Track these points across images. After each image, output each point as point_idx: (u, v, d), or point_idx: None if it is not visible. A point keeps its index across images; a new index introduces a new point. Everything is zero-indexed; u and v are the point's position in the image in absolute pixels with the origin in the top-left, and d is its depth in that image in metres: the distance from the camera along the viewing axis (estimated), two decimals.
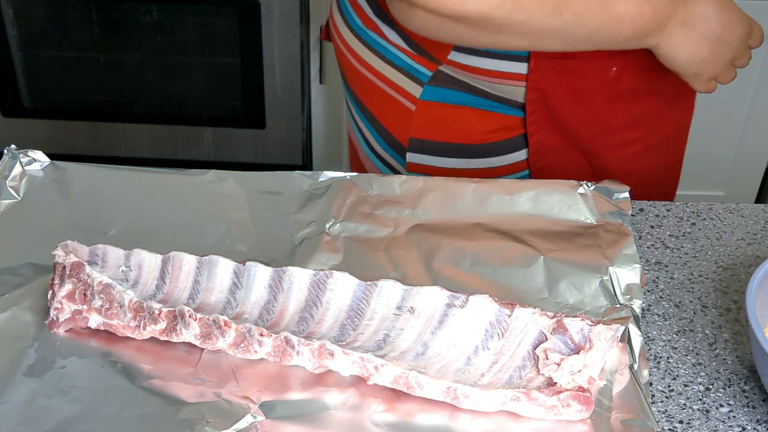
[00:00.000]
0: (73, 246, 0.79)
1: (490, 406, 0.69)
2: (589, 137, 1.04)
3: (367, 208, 0.89)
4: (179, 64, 2.01)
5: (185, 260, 0.79)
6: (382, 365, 0.70)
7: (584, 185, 0.91)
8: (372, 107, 1.11)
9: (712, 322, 0.84)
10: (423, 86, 1.02)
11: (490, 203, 0.90)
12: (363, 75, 1.09)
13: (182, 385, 0.71)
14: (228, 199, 0.90)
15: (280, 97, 2.01)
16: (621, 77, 1.00)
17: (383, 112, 1.09)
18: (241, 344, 0.72)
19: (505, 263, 0.84)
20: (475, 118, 1.03)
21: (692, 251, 0.92)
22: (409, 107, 1.05)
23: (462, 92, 1.02)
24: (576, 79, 1.00)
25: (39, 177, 0.92)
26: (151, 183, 0.92)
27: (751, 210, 0.98)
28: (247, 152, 2.10)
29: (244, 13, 1.91)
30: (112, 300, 0.75)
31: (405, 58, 1.03)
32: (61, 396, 0.70)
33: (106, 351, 0.74)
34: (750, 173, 2.12)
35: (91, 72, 2.04)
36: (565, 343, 0.71)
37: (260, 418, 0.69)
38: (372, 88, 1.09)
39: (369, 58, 1.07)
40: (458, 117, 1.04)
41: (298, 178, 0.92)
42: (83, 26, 1.98)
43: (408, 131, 1.06)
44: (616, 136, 1.05)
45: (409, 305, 0.75)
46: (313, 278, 0.77)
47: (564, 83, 1.00)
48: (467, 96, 1.02)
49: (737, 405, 0.76)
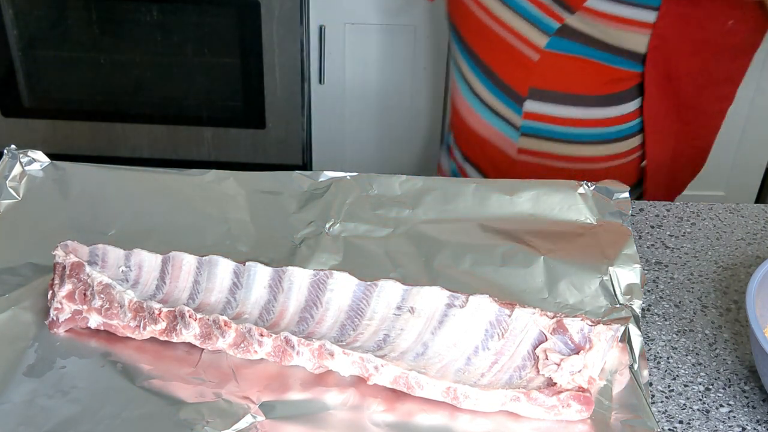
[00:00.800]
0: (73, 246, 0.79)
1: (490, 406, 0.69)
2: (693, 89, 1.10)
3: (367, 208, 0.89)
4: (179, 64, 2.01)
5: (185, 260, 0.79)
6: (382, 365, 0.70)
7: (584, 185, 0.91)
8: (490, 58, 1.16)
9: (712, 322, 0.84)
10: (549, 37, 1.07)
11: (490, 203, 0.90)
12: (486, 25, 1.13)
13: (182, 385, 0.71)
14: (228, 199, 0.90)
15: (280, 97, 2.01)
16: (734, 31, 1.06)
17: (502, 62, 1.14)
18: (241, 344, 0.72)
19: (505, 263, 0.84)
20: (594, 70, 1.08)
21: (692, 251, 0.92)
22: (531, 57, 1.10)
23: (583, 45, 1.07)
24: (696, 29, 1.05)
25: (39, 177, 0.92)
26: (151, 183, 0.92)
27: (751, 210, 0.98)
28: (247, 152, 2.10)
29: (244, 13, 1.91)
30: (112, 300, 0.75)
31: (533, 9, 1.07)
32: (61, 396, 0.70)
33: (106, 351, 0.74)
34: (750, 173, 2.11)
35: (91, 72, 2.04)
36: (565, 343, 0.71)
37: (260, 418, 0.69)
38: (494, 39, 1.13)
39: (496, 8, 1.11)
40: (578, 68, 1.09)
41: (298, 178, 0.92)
42: (83, 26, 1.98)
43: (528, 81, 1.12)
44: (715, 89, 1.11)
45: (409, 305, 0.75)
46: (313, 278, 0.77)
47: (686, 32, 1.04)
48: (587, 49, 1.07)
49: (737, 405, 0.76)
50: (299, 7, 1.89)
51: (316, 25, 1.94)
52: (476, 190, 0.91)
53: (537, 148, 1.15)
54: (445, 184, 0.92)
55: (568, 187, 0.91)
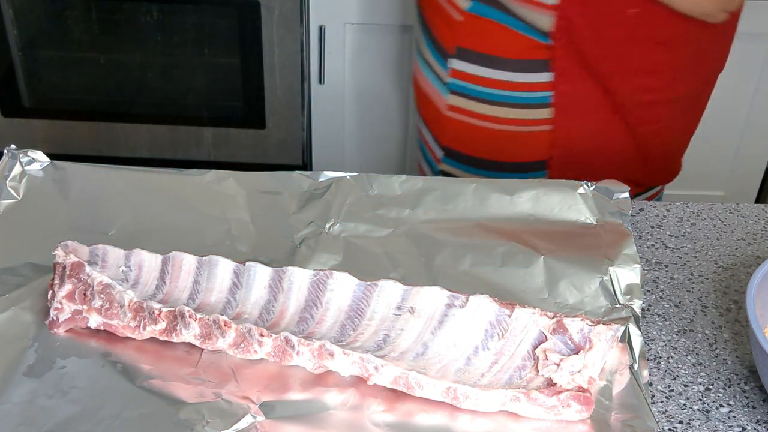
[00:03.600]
0: (73, 246, 0.79)
1: (490, 406, 0.69)
2: (612, 76, 1.11)
3: (367, 208, 0.89)
4: (179, 64, 2.01)
5: (185, 260, 0.79)
6: (382, 365, 0.69)
7: (584, 185, 0.91)
8: (427, 14, 1.22)
9: (712, 322, 0.84)
10: (471, 1, 1.11)
11: (490, 203, 0.90)
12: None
13: (182, 385, 0.71)
14: (228, 199, 0.90)
15: (280, 97, 2.01)
16: (641, 22, 1.06)
17: (434, 19, 1.20)
18: (241, 344, 0.72)
19: (505, 263, 0.84)
20: (511, 37, 1.12)
21: (692, 251, 0.92)
22: (455, 17, 1.14)
23: (500, 12, 1.10)
24: (598, 15, 1.06)
25: (39, 177, 0.92)
26: (151, 183, 0.92)
27: (751, 210, 0.98)
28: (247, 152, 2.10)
29: (244, 13, 1.91)
30: (112, 300, 0.75)
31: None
32: (61, 396, 0.70)
33: (106, 351, 0.74)
34: (750, 173, 2.11)
35: (91, 72, 2.04)
36: (565, 344, 0.71)
37: (260, 418, 0.69)
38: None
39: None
40: (498, 32, 1.12)
41: (298, 178, 0.92)
42: (83, 26, 1.98)
43: (454, 40, 1.16)
44: (636, 79, 1.11)
45: (409, 305, 0.75)
46: (313, 278, 0.77)
47: (588, 16, 1.06)
48: (505, 16, 1.10)
49: (737, 405, 0.76)
50: (299, 7, 1.89)
51: (316, 25, 1.93)
52: (476, 190, 0.91)
53: (464, 106, 1.18)
54: (445, 184, 0.92)
55: (568, 187, 0.91)
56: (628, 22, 1.08)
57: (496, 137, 1.18)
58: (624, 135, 1.16)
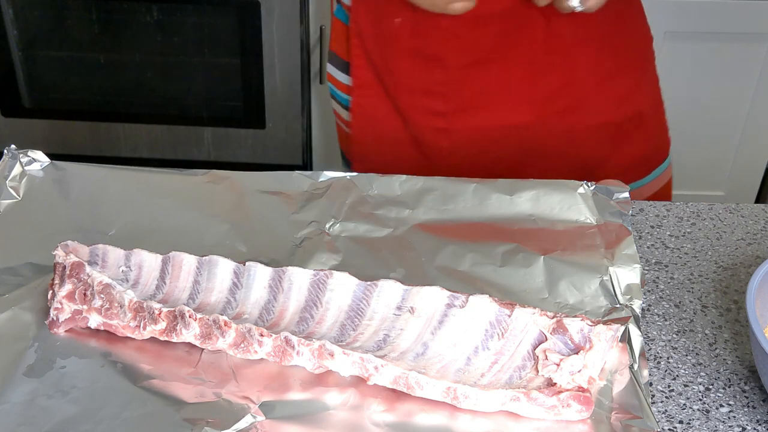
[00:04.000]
0: (73, 246, 0.79)
1: (490, 406, 0.69)
2: (394, 89, 1.08)
3: (367, 208, 0.89)
4: (179, 64, 2.01)
5: (185, 260, 0.79)
6: (382, 365, 0.70)
7: (584, 185, 0.91)
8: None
9: (712, 322, 0.84)
10: (336, 4, 1.12)
11: (490, 203, 0.90)
12: None
13: (182, 385, 0.71)
14: (228, 199, 0.90)
15: (280, 97, 2.01)
16: (405, 32, 1.03)
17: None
18: (241, 344, 0.72)
19: (505, 263, 0.84)
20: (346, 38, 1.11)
21: (692, 251, 0.92)
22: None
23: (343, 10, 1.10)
24: (371, 22, 1.05)
25: (39, 177, 0.92)
26: (151, 183, 0.92)
27: (751, 210, 0.98)
28: (247, 152, 2.10)
29: (244, 13, 1.91)
30: (112, 300, 0.75)
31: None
32: (61, 396, 0.70)
33: (106, 351, 0.74)
34: (750, 173, 2.11)
35: (91, 72, 2.04)
36: (565, 344, 0.71)
37: (260, 418, 0.69)
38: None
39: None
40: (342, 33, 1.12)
41: (298, 178, 0.92)
42: (83, 26, 1.98)
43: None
44: (419, 100, 1.07)
45: (409, 305, 0.75)
46: (313, 278, 0.77)
47: (368, 20, 1.06)
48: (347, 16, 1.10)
49: (737, 405, 0.76)
50: (299, 7, 1.89)
51: (316, 25, 1.93)
52: (476, 190, 0.91)
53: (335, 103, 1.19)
54: (445, 184, 0.92)
55: (568, 187, 0.91)
56: (392, 34, 1.04)
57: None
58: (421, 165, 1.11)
